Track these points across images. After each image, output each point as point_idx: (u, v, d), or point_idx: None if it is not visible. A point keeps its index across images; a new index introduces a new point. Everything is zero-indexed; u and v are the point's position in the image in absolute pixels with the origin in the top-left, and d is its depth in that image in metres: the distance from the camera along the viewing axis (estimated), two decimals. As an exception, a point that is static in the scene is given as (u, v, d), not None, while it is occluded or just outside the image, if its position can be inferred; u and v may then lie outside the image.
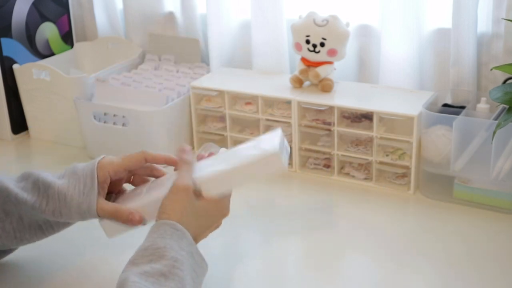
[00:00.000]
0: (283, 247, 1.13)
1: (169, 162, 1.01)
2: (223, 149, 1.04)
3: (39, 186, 0.96)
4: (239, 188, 0.97)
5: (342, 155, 1.33)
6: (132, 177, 1.04)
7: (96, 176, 0.96)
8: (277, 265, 1.09)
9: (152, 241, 0.86)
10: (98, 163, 0.97)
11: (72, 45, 1.73)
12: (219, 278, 1.03)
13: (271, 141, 0.98)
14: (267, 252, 1.13)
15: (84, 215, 0.96)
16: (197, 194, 0.94)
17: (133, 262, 0.84)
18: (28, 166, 1.52)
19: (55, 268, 1.07)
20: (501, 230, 1.15)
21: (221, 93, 1.42)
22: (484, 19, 1.34)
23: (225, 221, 0.99)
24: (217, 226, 0.98)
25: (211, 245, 0.98)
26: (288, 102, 1.36)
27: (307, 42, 1.36)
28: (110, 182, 0.99)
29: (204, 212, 0.94)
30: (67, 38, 1.72)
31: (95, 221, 0.98)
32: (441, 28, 1.39)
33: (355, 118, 1.32)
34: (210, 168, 0.97)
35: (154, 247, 0.85)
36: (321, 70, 1.37)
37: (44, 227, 0.99)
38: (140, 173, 1.03)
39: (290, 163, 1.38)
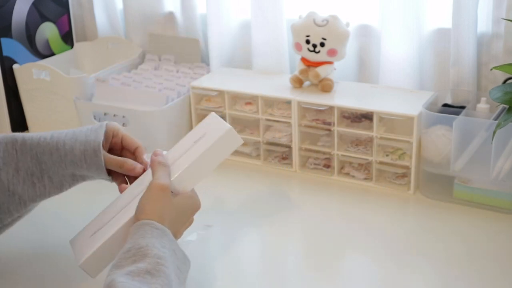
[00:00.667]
0: (283, 247, 1.13)
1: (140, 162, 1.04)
2: (165, 152, 1.05)
3: (48, 131, 1.03)
4: (208, 175, 0.99)
5: (342, 155, 1.33)
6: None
7: (104, 123, 1.02)
8: (277, 265, 1.09)
9: (133, 242, 0.85)
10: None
11: (72, 45, 1.73)
12: (218, 278, 1.03)
13: (215, 123, 1.02)
14: (267, 252, 1.13)
15: (88, 148, 0.98)
16: (174, 193, 0.95)
17: (117, 266, 0.83)
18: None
19: (47, 269, 1.08)
20: (501, 230, 1.15)
21: (221, 93, 1.42)
22: (484, 19, 1.34)
23: (225, 221, 0.99)
24: (191, 222, 0.99)
25: (210, 245, 0.99)
26: (288, 102, 1.36)
27: (307, 42, 1.36)
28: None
29: (181, 208, 0.95)
30: (67, 38, 1.72)
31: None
32: (441, 28, 1.39)
33: (355, 118, 1.32)
34: (175, 166, 0.98)
35: (136, 247, 0.84)
36: (321, 70, 1.37)
37: (37, 184, 0.99)
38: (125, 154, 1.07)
39: (290, 163, 1.39)
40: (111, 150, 1.05)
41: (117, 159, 1.02)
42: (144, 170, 1.03)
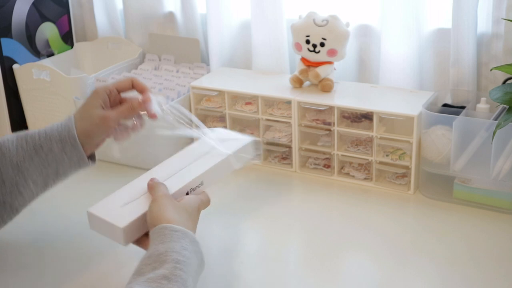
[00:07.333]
0: (283, 247, 1.13)
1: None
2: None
3: (19, 133, 1.04)
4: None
5: (342, 155, 1.33)
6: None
7: (72, 116, 1.06)
8: (277, 264, 1.09)
9: (154, 248, 0.87)
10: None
11: (72, 45, 1.73)
12: (219, 278, 1.03)
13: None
14: (267, 252, 1.13)
15: (65, 146, 1.01)
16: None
17: (138, 272, 0.84)
18: (28, 166, 1.51)
19: (60, 274, 1.08)
20: (501, 230, 1.15)
21: (221, 93, 1.42)
22: (484, 19, 1.34)
23: (225, 220, 1.00)
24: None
25: (211, 244, 0.99)
26: (288, 102, 1.36)
27: (307, 42, 1.36)
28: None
29: (190, 207, 0.97)
30: (67, 38, 1.72)
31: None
32: (441, 28, 1.39)
33: (355, 118, 1.32)
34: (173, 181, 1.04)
35: (156, 253, 0.86)
36: (321, 70, 1.37)
37: (24, 192, 1.01)
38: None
39: (290, 163, 1.39)
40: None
41: (123, 107, 1.07)
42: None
